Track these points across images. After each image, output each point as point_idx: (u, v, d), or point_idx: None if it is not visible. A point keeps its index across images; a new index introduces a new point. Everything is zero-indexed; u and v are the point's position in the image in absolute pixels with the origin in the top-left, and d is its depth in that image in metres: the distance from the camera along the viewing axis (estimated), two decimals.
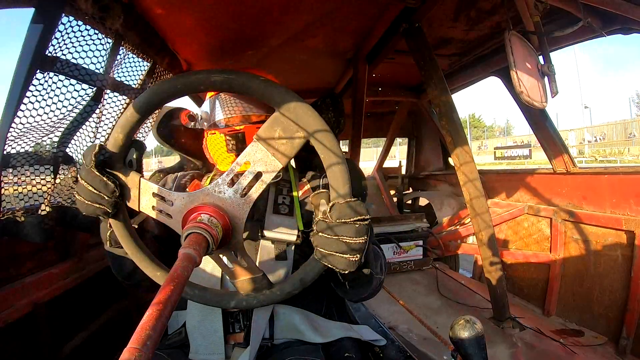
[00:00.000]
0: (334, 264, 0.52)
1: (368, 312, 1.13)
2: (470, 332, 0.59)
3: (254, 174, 0.51)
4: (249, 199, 0.52)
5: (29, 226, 0.92)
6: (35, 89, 0.88)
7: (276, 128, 0.51)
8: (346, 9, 1.48)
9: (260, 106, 0.78)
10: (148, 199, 0.55)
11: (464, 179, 1.64)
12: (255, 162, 0.51)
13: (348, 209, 0.50)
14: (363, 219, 0.50)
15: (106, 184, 0.52)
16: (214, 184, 0.52)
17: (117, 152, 0.54)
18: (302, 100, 0.50)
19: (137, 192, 0.55)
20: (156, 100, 0.51)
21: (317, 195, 0.56)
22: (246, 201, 0.52)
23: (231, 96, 0.78)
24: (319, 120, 0.50)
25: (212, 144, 0.80)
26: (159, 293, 0.34)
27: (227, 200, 0.52)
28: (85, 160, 0.52)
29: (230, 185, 0.52)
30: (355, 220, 0.50)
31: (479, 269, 2.55)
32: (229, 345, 0.71)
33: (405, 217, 2.82)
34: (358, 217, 0.50)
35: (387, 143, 3.91)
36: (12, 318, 0.87)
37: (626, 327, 1.62)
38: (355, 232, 0.50)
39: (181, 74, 0.53)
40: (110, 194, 0.53)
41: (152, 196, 0.55)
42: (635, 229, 1.64)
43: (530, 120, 2.18)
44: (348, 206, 0.50)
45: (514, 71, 1.27)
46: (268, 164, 0.51)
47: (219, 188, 0.52)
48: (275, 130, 0.51)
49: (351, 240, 0.50)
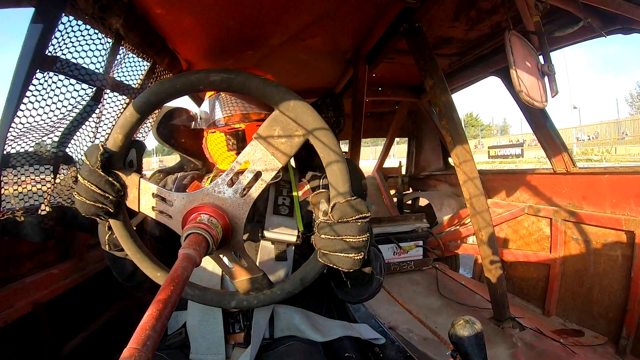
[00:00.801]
0: (338, 264, 0.51)
1: (368, 312, 1.13)
2: (470, 332, 0.59)
3: (254, 173, 0.51)
4: (249, 199, 0.52)
5: (29, 226, 0.92)
6: (35, 88, 0.88)
7: (275, 127, 0.51)
8: (346, 9, 1.47)
9: (260, 105, 0.78)
10: (148, 200, 0.55)
11: (463, 178, 1.64)
12: (255, 161, 0.51)
13: (349, 208, 0.50)
14: (364, 217, 0.50)
15: (112, 184, 0.52)
16: (213, 184, 0.52)
17: (117, 152, 0.54)
18: (301, 99, 0.50)
19: (137, 193, 0.55)
20: (155, 100, 0.51)
21: (317, 194, 0.56)
22: (246, 201, 0.52)
23: (231, 95, 0.78)
24: (318, 119, 0.50)
25: (212, 143, 0.80)
26: (159, 293, 0.34)
27: (227, 200, 0.52)
28: (89, 160, 0.52)
29: (229, 185, 0.52)
30: (357, 218, 0.50)
31: (479, 269, 2.55)
32: (229, 345, 0.71)
33: (405, 217, 2.82)
34: (359, 215, 0.50)
35: (387, 143, 3.91)
36: (12, 318, 0.87)
37: (626, 327, 1.62)
38: (357, 230, 0.50)
39: (180, 73, 0.53)
40: (115, 194, 0.53)
41: (152, 197, 0.54)
42: (635, 229, 1.64)
43: (530, 120, 2.18)
44: (349, 205, 0.50)
45: (514, 71, 1.27)
46: (267, 163, 0.51)
47: (219, 188, 0.52)
48: (274, 129, 0.51)
49: (354, 239, 0.50)
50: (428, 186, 3.55)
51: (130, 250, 0.58)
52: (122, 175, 0.55)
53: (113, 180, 0.53)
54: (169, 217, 0.54)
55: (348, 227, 0.50)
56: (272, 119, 0.51)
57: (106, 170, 0.53)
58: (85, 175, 0.52)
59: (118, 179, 0.54)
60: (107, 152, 0.53)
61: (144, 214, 0.56)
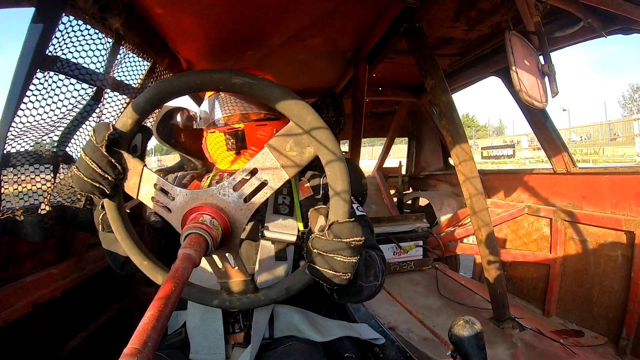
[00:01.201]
0: (323, 280, 0.52)
1: (368, 312, 1.13)
2: (470, 332, 0.59)
3: (261, 181, 0.51)
4: (252, 205, 0.52)
5: (29, 225, 0.92)
6: (36, 88, 0.88)
7: (289, 140, 0.51)
8: (346, 9, 1.48)
9: (260, 105, 0.78)
10: (148, 189, 0.54)
11: (463, 178, 1.64)
12: (263, 169, 0.51)
13: (345, 229, 0.50)
14: (358, 240, 0.51)
15: (113, 166, 0.52)
16: (219, 186, 0.52)
17: (125, 134, 0.53)
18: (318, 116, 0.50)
19: (137, 180, 0.54)
20: (171, 90, 0.51)
21: (317, 210, 0.56)
22: (249, 207, 0.52)
23: (230, 95, 0.78)
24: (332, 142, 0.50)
25: (212, 143, 0.80)
26: (159, 293, 0.34)
27: (230, 204, 0.52)
28: (96, 137, 0.51)
29: (235, 189, 0.52)
30: (351, 240, 0.50)
31: (479, 269, 2.55)
32: (229, 345, 0.71)
33: (405, 217, 2.82)
34: (354, 238, 0.50)
35: (387, 143, 3.91)
36: (12, 318, 0.87)
37: (626, 327, 1.62)
38: (350, 252, 0.50)
39: (203, 69, 0.52)
40: (115, 175, 0.52)
41: (153, 187, 0.54)
42: (635, 229, 1.64)
43: (531, 120, 2.18)
44: (346, 226, 0.50)
45: (514, 71, 1.27)
46: (275, 174, 0.51)
47: (224, 191, 0.52)
48: (287, 142, 0.51)
49: (344, 259, 0.50)
50: (428, 186, 3.55)
51: (119, 235, 0.57)
52: (126, 158, 0.54)
53: (115, 162, 0.52)
54: (167, 211, 0.53)
55: (341, 247, 0.50)
56: (287, 131, 0.51)
57: (110, 150, 0.52)
58: (89, 152, 0.51)
59: (121, 162, 0.53)
60: (116, 133, 0.52)
61: (141, 202, 0.55)
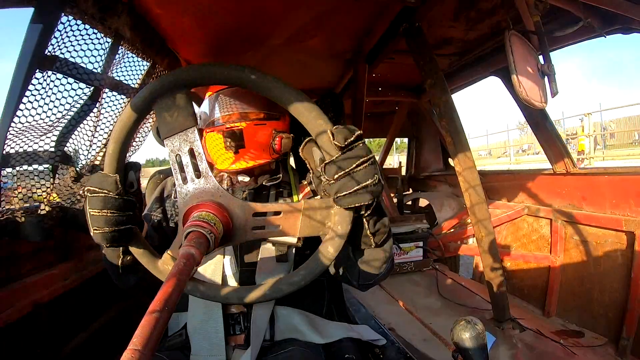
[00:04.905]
0: (361, 200, 0.48)
1: (368, 313, 1.13)
2: (472, 332, 0.59)
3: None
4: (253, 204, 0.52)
5: (29, 225, 0.92)
6: (35, 88, 0.88)
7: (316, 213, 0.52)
8: (346, 8, 1.47)
9: (258, 104, 0.78)
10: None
11: (465, 186, 1.62)
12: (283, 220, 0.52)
13: (342, 133, 0.47)
14: (359, 136, 0.48)
15: (132, 203, 0.54)
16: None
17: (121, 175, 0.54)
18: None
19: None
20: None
21: (306, 147, 0.51)
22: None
23: (229, 95, 0.78)
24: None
25: (210, 143, 0.80)
26: (160, 293, 0.33)
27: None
28: (107, 189, 0.51)
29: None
30: (353, 140, 0.47)
31: (479, 270, 2.54)
32: (230, 346, 0.71)
33: (405, 218, 2.81)
34: (354, 136, 0.47)
35: (387, 143, 3.91)
36: (12, 318, 0.87)
37: (626, 328, 1.62)
38: (364, 151, 0.47)
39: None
40: (135, 211, 0.55)
41: None
42: (635, 229, 1.63)
43: (530, 121, 2.17)
44: (340, 131, 0.47)
45: (514, 71, 1.27)
46: (286, 228, 0.52)
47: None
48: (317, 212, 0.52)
49: (366, 168, 0.47)
50: (428, 187, 3.55)
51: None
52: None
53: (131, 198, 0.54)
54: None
55: (352, 155, 0.47)
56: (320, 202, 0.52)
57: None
58: (100, 206, 0.51)
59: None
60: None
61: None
